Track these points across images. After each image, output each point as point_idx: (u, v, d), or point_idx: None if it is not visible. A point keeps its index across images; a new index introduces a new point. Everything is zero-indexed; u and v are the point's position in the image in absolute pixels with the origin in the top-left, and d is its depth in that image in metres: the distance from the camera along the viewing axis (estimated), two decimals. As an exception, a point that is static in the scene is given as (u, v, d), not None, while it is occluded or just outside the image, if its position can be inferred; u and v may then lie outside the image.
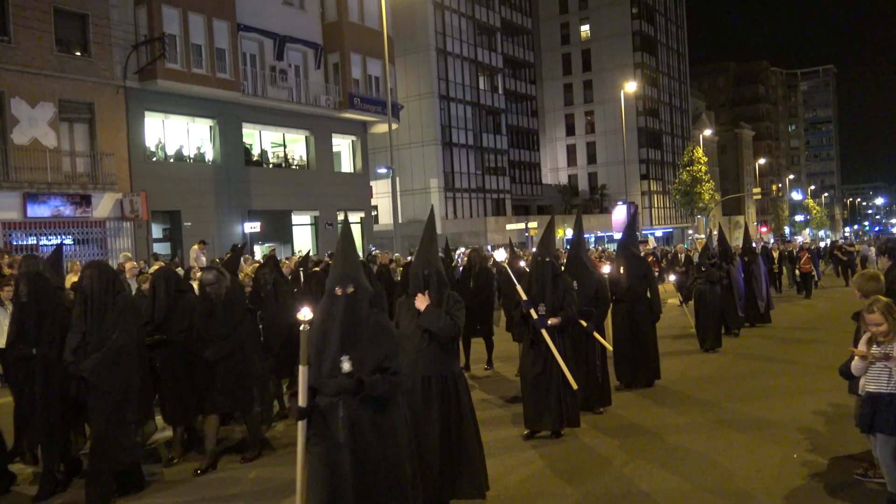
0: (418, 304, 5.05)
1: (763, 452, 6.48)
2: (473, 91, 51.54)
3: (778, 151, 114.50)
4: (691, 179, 58.93)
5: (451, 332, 4.98)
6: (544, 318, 6.85)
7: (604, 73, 68.78)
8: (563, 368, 6.79)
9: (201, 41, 25.55)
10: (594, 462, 6.46)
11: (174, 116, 26.16)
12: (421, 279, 5.11)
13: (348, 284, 3.97)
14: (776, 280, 23.27)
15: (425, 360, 5.02)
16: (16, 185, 20.78)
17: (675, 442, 6.94)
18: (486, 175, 52.35)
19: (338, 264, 4.14)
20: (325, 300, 4.05)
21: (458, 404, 5.07)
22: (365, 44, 31.79)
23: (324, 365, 3.91)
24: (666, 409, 8.29)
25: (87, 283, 5.88)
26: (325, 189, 30.96)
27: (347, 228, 4.30)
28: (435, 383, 5.02)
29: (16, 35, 21.05)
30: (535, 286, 7.09)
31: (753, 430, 7.21)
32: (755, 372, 10.31)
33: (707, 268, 12.31)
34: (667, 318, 11.42)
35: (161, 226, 26.06)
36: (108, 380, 5.71)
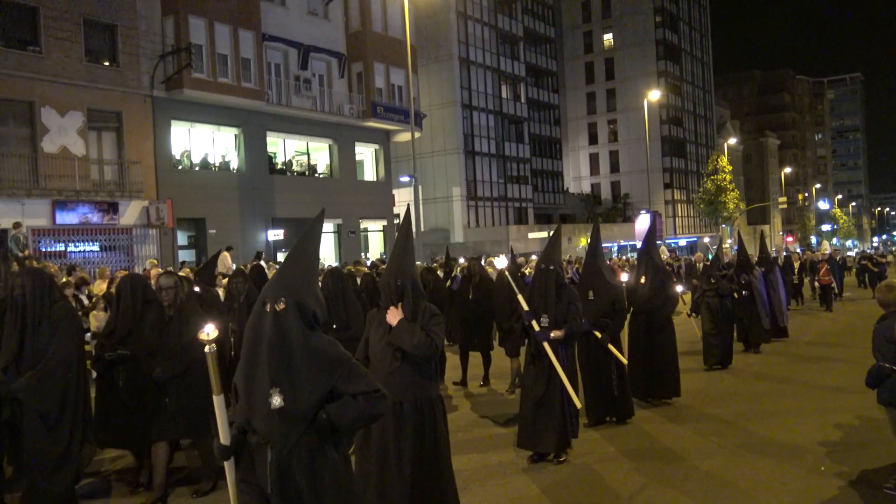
0: (390, 319, 4.43)
1: (788, 476, 6.08)
2: (496, 100, 51.59)
3: (804, 160, 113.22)
4: (715, 188, 58.43)
5: (427, 351, 4.32)
6: (547, 331, 6.39)
7: (627, 81, 68.51)
8: (567, 385, 6.33)
9: (227, 51, 25.86)
10: (604, 489, 5.92)
11: (200, 125, 26.49)
12: (393, 290, 4.50)
13: (278, 299, 3.17)
14: (798, 292, 22.40)
15: (397, 383, 4.31)
16: (45, 193, 21.14)
17: (695, 465, 6.45)
18: (508, 184, 52.31)
19: (275, 274, 3.40)
20: (252, 316, 3.28)
21: (433, 434, 4.41)
22: (388, 53, 31.98)
23: (254, 396, 3.15)
24: (683, 428, 7.83)
25: (19, 292, 5.22)
26: (348, 197, 31.13)
27: (311, 228, 3.56)
28: (409, 409, 4.35)
29: (47, 46, 21.47)
30: (536, 296, 6.65)
31: (777, 452, 6.78)
32: (773, 390, 9.72)
33: (717, 279, 11.58)
34: (677, 331, 10.74)
35: (186, 233, 26.35)
36: (42, 400, 5.10)
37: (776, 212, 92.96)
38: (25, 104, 21.20)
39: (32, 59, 21.25)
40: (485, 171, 50.18)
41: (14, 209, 20.13)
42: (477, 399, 9.76)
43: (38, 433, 5.12)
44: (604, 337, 7.56)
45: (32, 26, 21.38)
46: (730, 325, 11.65)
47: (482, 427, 8.12)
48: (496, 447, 7.20)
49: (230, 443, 3.21)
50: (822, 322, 18.34)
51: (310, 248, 3.47)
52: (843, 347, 13.47)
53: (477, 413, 8.84)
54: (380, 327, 4.51)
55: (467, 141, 48.51)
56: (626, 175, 68.69)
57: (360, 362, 4.25)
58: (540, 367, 6.49)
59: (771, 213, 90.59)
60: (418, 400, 4.38)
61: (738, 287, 12.77)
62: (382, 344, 4.44)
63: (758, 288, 13.24)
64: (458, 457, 6.38)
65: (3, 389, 5.11)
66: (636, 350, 8.89)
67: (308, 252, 3.44)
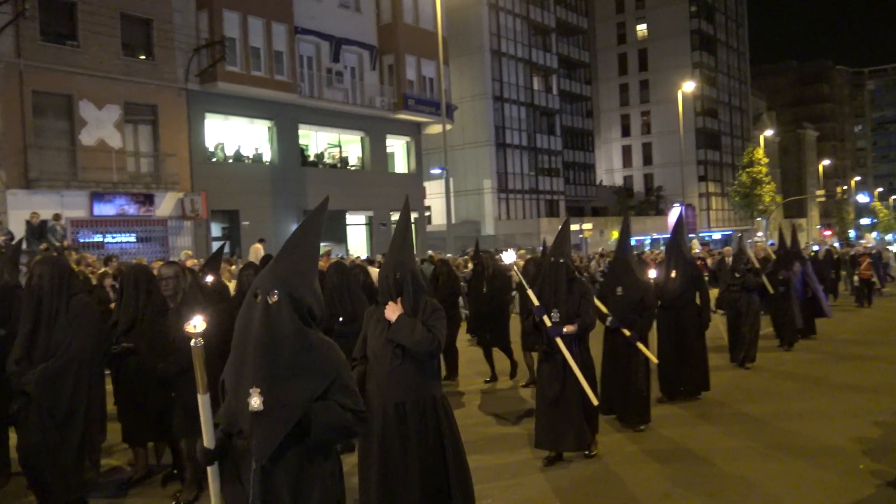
0: (388, 314, 4.17)
1: (821, 479, 5.78)
2: (527, 92, 51.30)
3: (843, 153, 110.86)
4: (751, 181, 57.50)
5: (428, 348, 4.08)
6: (559, 326, 6.17)
7: (661, 72, 67.62)
8: (582, 382, 6.10)
9: (260, 44, 26.07)
10: (625, 492, 5.67)
11: (233, 118, 26.77)
12: (391, 284, 4.24)
13: (271, 291, 2.90)
14: (833, 287, 21.56)
15: (397, 382, 4.11)
16: (83, 185, 21.55)
17: (722, 467, 6.16)
18: (539, 176, 52.04)
19: (270, 264, 3.09)
20: (242, 308, 3.00)
21: (438, 436, 4.15)
22: (420, 45, 31.96)
23: (240, 395, 2.89)
24: (710, 427, 7.54)
25: (36, 282, 5.04)
26: (380, 189, 31.23)
27: (311, 217, 3.25)
28: (411, 411, 4.10)
29: (84, 40, 21.84)
30: (547, 290, 6.39)
31: (809, 454, 6.44)
32: (805, 390, 9.33)
33: (743, 274, 11.04)
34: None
35: (220, 225, 26.66)
36: (52, 396, 4.89)
37: (814, 205, 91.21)
38: (64, 97, 21.60)
39: (70, 53, 21.63)
40: (516, 164, 49.98)
41: (54, 201, 20.54)
42: (494, 395, 9.51)
43: (48, 429, 4.90)
44: (633, 335, 7.26)
45: (70, 21, 21.76)
46: (757, 322, 11.13)
47: (494, 425, 7.91)
48: (509, 446, 6.99)
49: (214, 446, 2.91)
50: (859, 318, 17.67)
51: (309, 238, 3.16)
52: (882, 346, 12.88)
53: (489, 409, 8.59)
54: (378, 324, 4.24)
55: (498, 133, 48.34)
56: (660, 167, 67.91)
57: (358, 361, 4.25)
58: (554, 363, 6.28)
59: (808, 206, 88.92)
60: (421, 400, 4.13)
61: (777, 283, 12.25)
62: (381, 341, 4.18)
63: (795, 285, 12.70)
64: (469, 456, 6.21)
65: (13, 382, 4.91)
66: (667, 347, 8.64)
67: (307, 243, 3.14)
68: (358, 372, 4.17)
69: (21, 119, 20.50)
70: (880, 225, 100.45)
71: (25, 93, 20.57)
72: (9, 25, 19.98)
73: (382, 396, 4.11)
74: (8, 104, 20.24)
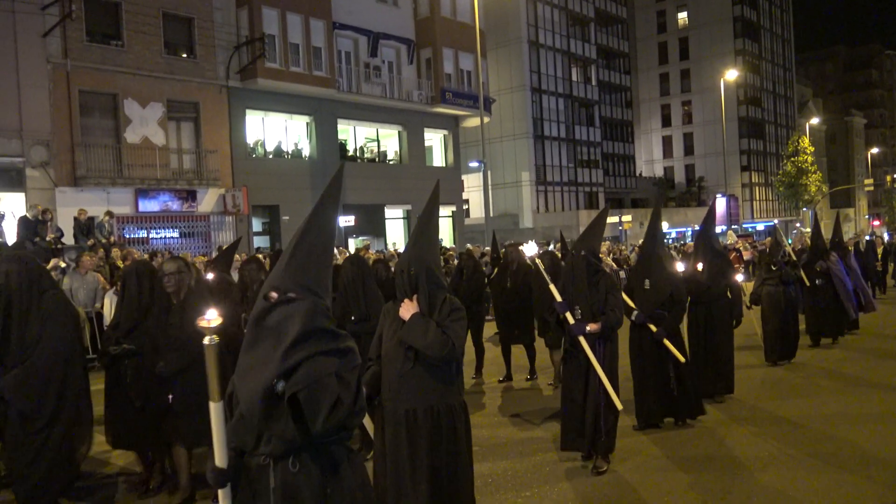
0: (402, 313, 3.88)
1: (864, 494, 5.28)
2: (566, 83, 50.88)
3: (893, 140, 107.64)
4: (796, 171, 56.32)
5: (442, 351, 3.73)
6: (582, 324, 5.81)
7: (702, 61, 66.47)
8: (606, 384, 5.75)
9: (299, 40, 26.30)
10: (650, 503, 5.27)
11: (273, 114, 27.07)
12: (406, 280, 3.93)
13: (287, 289, 2.68)
14: (881, 280, 20.80)
15: (410, 387, 3.79)
16: (129, 182, 22.04)
17: (756, 478, 5.64)
18: (578, 168, 51.62)
19: (285, 262, 2.78)
20: (255, 308, 2.76)
21: (453, 447, 3.82)
22: (457, 38, 31.91)
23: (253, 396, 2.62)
24: (742, 432, 6.99)
25: (3, 281, 4.77)
26: (418, 183, 31.27)
27: (321, 206, 2.88)
28: (424, 418, 3.77)
29: (128, 39, 22.30)
30: (570, 286, 6.04)
31: (850, 464, 5.89)
32: (845, 391, 8.63)
33: (781, 266, 10.42)
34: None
35: (260, 220, 27.04)
36: (29, 399, 4.65)
37: (861, 194, 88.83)
38: (109, 96, 22.09)
39: (115, 53, 22.10)
40: (554, 156, 49.65)
41: (100, 197, 21.06)
42: (516, 394, 9.18)
43: (28, 433, 4.67)
44: (659, 331, 6.87)
45: (115, 21, 22.22)
46: (794, 317, 10.55)
47: (518, 426, 7.56)
48: (532, 449, 6.64)
49: (227, 465, 2.59)
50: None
51: (325, 233, 2.84)
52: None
53: (513, 410, 8.26)
54: (393, 322, 3.94)
55: (537, 125, 48.05)
56: (701, 158, 66.82)
57: (373, 361, 3.99)
58: (577, 363, 5.94)
59: (856, 195, 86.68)
60: (435, 407, 3.80)
61: (814, 275, 11.77)
62: (394, 342, 3.87)
63: (837, 275, 12.02)
64: (487, 462, 6.16)
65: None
66: (696, 344, 8.23)
67: (321, 236, 2.82)
68: (372, 373, 3.95)
69: (69, 118, 21.04)
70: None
71: (73, 92, 21.09)
72: (56, 27, 20.50)
73: (393, 401, 3.83)
74: (57, 104, 20.78)
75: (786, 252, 11.04)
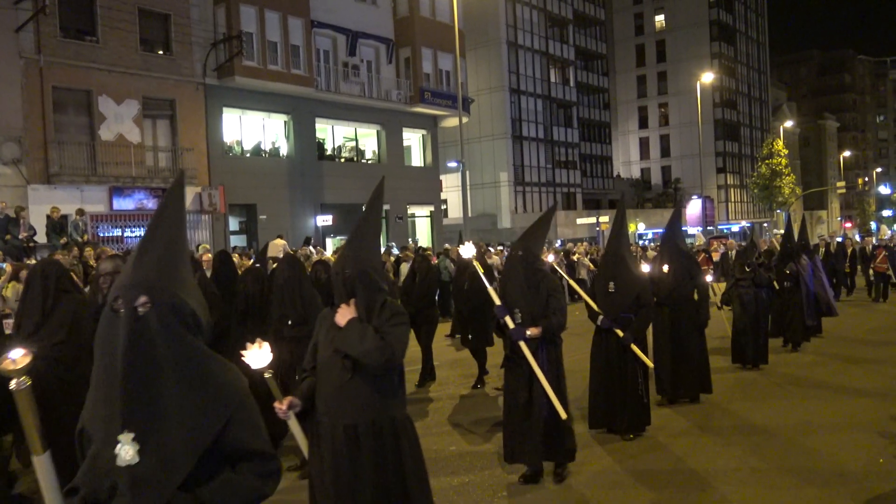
0: (338, 319, 3.53)
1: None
2: (544, 84, 51.07)
3: (865, 143, 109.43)
4: (770, 173, 57.03)
5: (379, 359, 3.39)
6: (522, 329, 5.46)
7: (679, 63, 67.09)
8: (549, 392, 5.42)
9: (277, 38, 26.14)
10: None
11: (250, 112, 26.88)
12: (342, 284, 3.57)
13: (137, 294, 2.13)
14: (849, 281, 20.94)
15: (348, 401, 3.43)
16: (103, 180, 21.76)
17: (723, 494, 5.36)
18: (556, 169, 51.83)
19: (131, 262, 2.27)
20: (101, 329, 2.20)
21: (398, 463, 3.46)
22: (436, 38, 31.91)
23: (101, 446, 2.11)
24: (708, 442, 6.70)
25: None
26: (396, 183, 31.19)
27: (169, 199, 2.44)
28: (364, 434, 3.41)
29: (103, 35, 22.01)
30: (509, 288, 5.72)
31: (821, 479, 5.64)
32: (814, 397, 8.48)
33: (752, 267, 10.21)
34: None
35: (238, 219, 26.84)
36: None
37: (834, 197, 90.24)
38: (83, 93, 21.79)
39: (90, 49, 21.80)
40: (533, 157, 49.82)
41: (74, 196, 20.76)
42: (464, 402, 8.73)
43: None
44: (626, 336, 6.56)
45: (90, 17, 21.92)
46: (766, 320, 10.39)
47: (465, 437, 7.17)
48: (477, 464, 6.27)
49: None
50: (875, 315, 16.68)
51: (175, 225, 2.37)
52: (894, 346, 11.93)
53: (458, 420, 7.82)
54: (330, 329, 3.58)
55: (515, 126, 48.19)
56: (678, 159, 67.44)
57: (308, 372, 3.65)
58: (519, 370, 5.60)
59: (829, 198, 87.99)
60: (377, 422, 3.44)
61: (783, 277, 11.58)
62: (330, 351, 3.52)
63: (805, 279, 11.79)
64: (436, 477, 5.63)
65: None
66: (661, 347, 8.06)
67: (174, 231, 2.35)
68: (307, 386, 3.59)
69: (42, 115, 20.71)
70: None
71: (46, 88, 20.76)
72: (29, 22, 20.18)
73: (331, 416, 3.45)
74: (29, 100, 20.45)
75: (760, 253, 10.94)
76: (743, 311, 10.12)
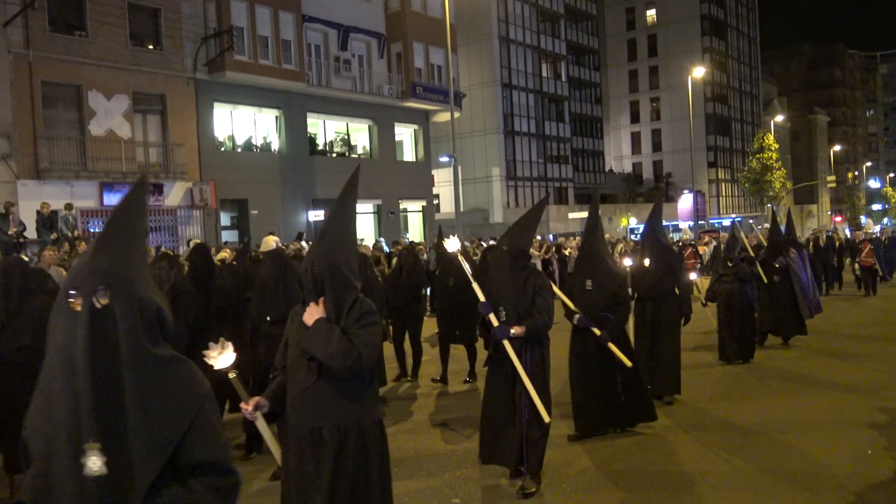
0: (306, 318, 3.37)
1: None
2: (536, 79, 51.09)
3: (855, 138, 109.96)
4: (761, 167, 57.20)
5: (346, 362, 3.21)
6: (506, 327, 5.24)
7: (670, 58, 67.20)
8: (532, 394, 5.19)
9: (268, 33, 26.06)
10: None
11: (242, 107, 26.79)
12: (311, 281, 3.40)
13: (95, 283, 1.95)
14: (837, 275, 20.97)
15: (313, 403, 3.27)
16: (93, 175, 21.65)
17: (704, 499, 5.18)
18: (548, 163, 51.92)
19: (89, 250, 2.09)
20: (52, 325, 2.01)
21: (363, 471, 3.29)
22: (428, 33, 31.85)
23: (62, 455, 1.92)
24: (690, 441, 6.52)
25: None
26: (388, 178, 31.21)
27: (134, 192, 2.38)
28: (330, 438, 3.25)
29: (92, 30, 21.88)
30: (494, 284, 5.50)
31: (808, 483, 5.41)
32: (800, 392, 8.31)
33: (736, 262, 10.05)
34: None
35: (229, 214, 26.76)
36: None
37: (824, 191, 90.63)
38: (73, 88, 21.66)
39: (79, 44, 21.67)
40: (524, 151, 49.87)
41: (64, 191, 20.64)
42: (450, 399, 8.64)
43: None
44: (603, 335, 6.37)
45: (79, 11, 21.78)
46: (751, 315, 10.25)
47: (443, 437, 6.96)
48: (453, 463, 6.10)
49: None
50: (862, 309, 16.53)
51: (137, 216, 2.24)
52: (880, 342, 11.80)
53: (442, 418, 7.67)
54: (298, 329, 3.42)
55: (507, 120, 48.21)
56: (669, 154, 67.62)
57: (279, 371, 3.52)
58: (502, 370, 5.40)
59: (819, 192, 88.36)
60: (342, 427, 3.27)
61: (772, 271, 11.41)
62: (298, 351, 3.37)
63: (797, 272, 11.58)
64: (401, 479, 5.52)
65: None
66: (642, 343, 7.89)
67: (135, 222, 2.21)
68: (277, 385, 3.45)
69: (31, 110, 20.58)
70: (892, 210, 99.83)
71: (35, 84, 20.62)
72: (18, 16, 20.04)
73: (297, 418, 3.32)
74: (18, 95, 20.33)
75: (743, 248, 10.75)
76: (726, 307, 10.01)
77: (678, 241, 24.36)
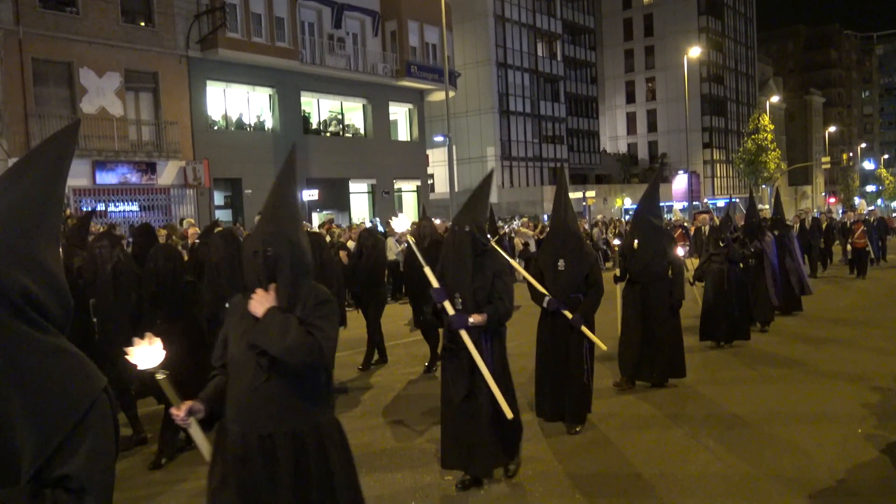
0: (254, 308, 2.93)
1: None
2: (531, 58, 50.81)
3: (850, 119, 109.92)
4: (756, 148, 57.15)
5: (308, 357, 2.84)
6: (464, 315, 4.77)
7: (666, 38, 66.85)
8: (493, 388, 4.76)
9: (261, 10, 25.80)
10: None
11: (235, 85, 26.59)
12: (261, 265, 2.96)
13: None
14: (825, 256, 20.80)
15: (264, 407, 2.88)
16: (85, 153, 21.49)
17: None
18: (543, 143, 51.78)
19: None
20: None
21: (325, 477, 2.94)
22: (422, 11, 31.60)
23: None
24: (679, 432, 6.10)
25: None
26: (382, 157, 31.11)
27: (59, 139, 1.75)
28: (283, 446, 2.88)
29: (84, 6, 21.63)
30: (450, 269, 4.98)
31: (799, 480, 5.03)
32: (787, 379, 8.00)
33: (727, 243, 9.72)
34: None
35: (222, 193, 26.66)
36: None
37: (819, 172, 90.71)
38: (64, 65, 21.45)
39: (70, 20, 21.43)
40: (520, 131, 49.71)
41: (56, 169, 20.51)
42: (408, 390, 8.02)
43: None
44: (576, 317, 6.01)
45: (69, -13, 21.53)
46: (741, 296, 9.95)
47: (405, 434, 6.43)
48: (419, 463, 5.63)
49: None
50: (851, 293, 16.12)
51: (48, 179, 1.66)
52: (869, 326, 11.38)
53: (397, 414, 7.07)
54: (243, 320, 2.98)
55: (502, 100, 48.00)
56: (664, 134, 67.49)
57: (217, 370, 3.12)
58: (458, 362, 4.92)
59: (814, 173, 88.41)
60: (298, 431, 2.91)
61: (747, 254, 11.04)
62: (243, 346, 2.93)
63: (769, 257, 11.36)
64: (370, 478, 5.18)
65: None
66: (630, 326, 7.64)
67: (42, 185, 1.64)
68: (215, 386, 3.06)
69: (21, 87, 20.40)
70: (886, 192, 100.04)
71: (25, 60, 20.42)
72: (7, -8, 19.81)
73: (242, 425, 2.90)
74: (8, 72, 20.12)
75: (736, 228, 10.60)
76: (715, 287, 9.78)
77: (669, 220, 24.27)
